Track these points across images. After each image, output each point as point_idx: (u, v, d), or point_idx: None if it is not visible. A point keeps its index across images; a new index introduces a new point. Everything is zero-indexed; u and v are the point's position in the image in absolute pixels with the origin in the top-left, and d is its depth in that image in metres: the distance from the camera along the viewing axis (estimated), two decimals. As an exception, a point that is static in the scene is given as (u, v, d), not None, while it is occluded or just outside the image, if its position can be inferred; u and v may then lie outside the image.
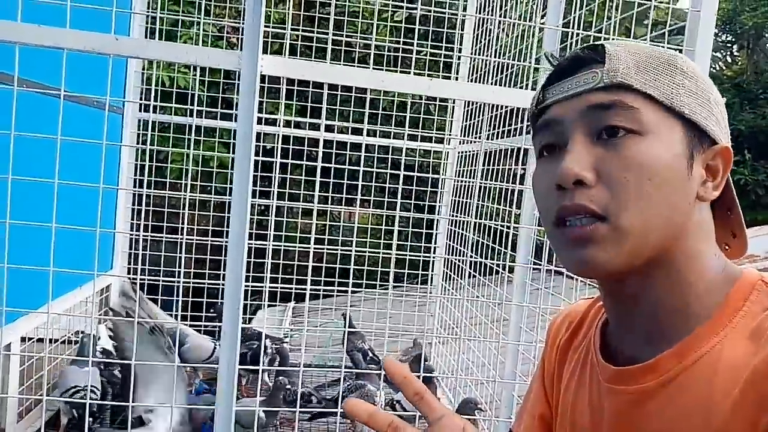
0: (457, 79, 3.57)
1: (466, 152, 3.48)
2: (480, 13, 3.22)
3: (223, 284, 3.21)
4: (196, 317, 3.42)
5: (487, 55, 3.02)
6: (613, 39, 1.89)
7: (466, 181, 3.18)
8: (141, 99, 3.29)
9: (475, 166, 3.16)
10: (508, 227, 2.54)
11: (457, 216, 3.32)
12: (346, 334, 2.48)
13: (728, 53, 14.33)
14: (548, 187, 0.65)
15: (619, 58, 0.64)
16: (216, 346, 2.66)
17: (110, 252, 3.22)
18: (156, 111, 3.34)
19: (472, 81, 3.31)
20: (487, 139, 2.65)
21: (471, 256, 2.96)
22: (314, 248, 2.39)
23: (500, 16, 2.89)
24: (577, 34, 2.00)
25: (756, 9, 12.23)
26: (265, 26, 1.42)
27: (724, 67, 13.94)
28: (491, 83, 2.83)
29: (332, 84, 1.81)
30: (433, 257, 3.66)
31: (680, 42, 1.65)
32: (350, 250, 3.33)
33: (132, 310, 1.77)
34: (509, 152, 2.73)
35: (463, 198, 3.24)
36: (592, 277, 0.67)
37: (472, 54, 3.29)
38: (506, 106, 2.64)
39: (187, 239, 2.60)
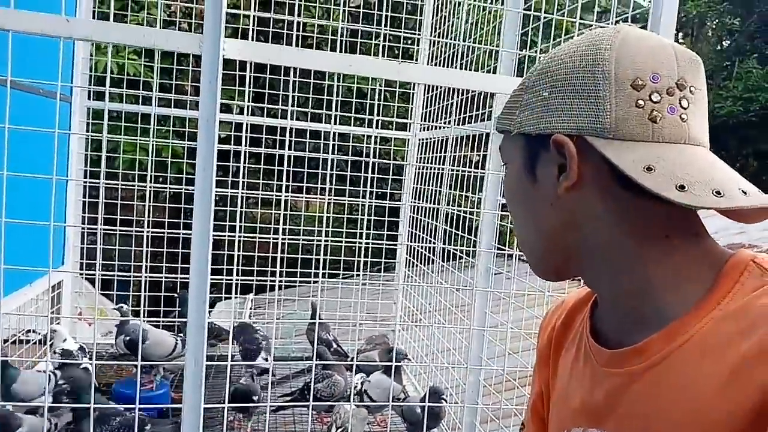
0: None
1: (426, 139, 3.47)
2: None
3: (182, 277, 3.12)
4: (154, 312, 3.32)
5: (447, 40, 3.00)
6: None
7: (426, 167, 3.16)
8: (89, 86, 3.15)
9: (435, 153, 3.15)
10: (470, 213, 2.55)
11: (418, 203, 3.32)
12: (317, 325, 2.44)
13: (674, 40, 14.78)
14: None
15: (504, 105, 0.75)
16: (177, 341, 2.58)
17: (61, 247, 3.09)
18: (105, 99, 3.21)
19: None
20: (448, 125, 2.64)
21: (433, 243, 2.96)
22: (275, 239, 2.34)
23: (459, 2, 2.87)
24: (537, 19, 2.00)
25: (699, -3, 12.66)
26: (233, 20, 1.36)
27: (669, 54, 14.36)
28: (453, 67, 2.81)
29: (287, 70, 1.75)
30: (397, 245, 3.64)
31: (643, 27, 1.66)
32: (311, 241, 3.29)
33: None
34: (469, 139, 2.73)
35: (423, 185, 3.23)
36: (542, 278, 0.79)
37: (431, 39, 3.27)
38: (466, 93, 2.64)
39: (143, 231, 2.51)
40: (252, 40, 3.17)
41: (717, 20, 13.17)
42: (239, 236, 2.76)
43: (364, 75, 1.58)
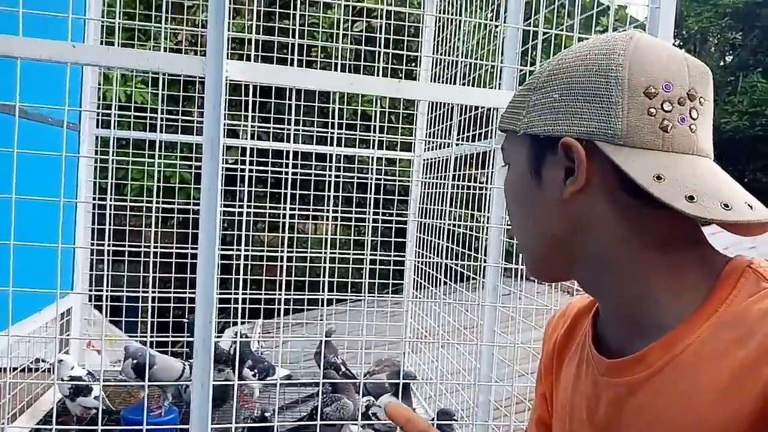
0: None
1: (430, 159, 3.48)
2: (439, 20, 3.24)
3: (190, 305, 3.12)
4: (163, 338, 3.32)
5: (448, 60, 3.03)
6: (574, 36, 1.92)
7: (432, 186, 3.17)
8: (98, 115, 3.19)
9: (441, 172, 3.16)
10: (477, 231, 2.55)
11: (423, 221, 3.31)
12: (323, 350, 2.43)
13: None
14: None
15: (509, 103, 0.74)
16: (185, 366, 2.58)
17: (70, 274, 3.10)
18: (114, 127, 3.25)
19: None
20: (450, 145, 2.65)
21: (439, 263, 2.95)
22: (281, 262, 2.34)
23: (460, 20, 2.91)
24: (536, 33, 2.02)
25: (701, 14, 12.72)
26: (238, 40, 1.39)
27: (673, 71, 14.41)
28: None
29: (292, 94, 1.78)
30: (405, 266, 3.63)
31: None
32: (319, 264, 3.30)
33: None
34: (473, 157, 2.73)
35: (429, 205, 3.23)
36: (540, 281, 0.79)
37: (432, 60, 3.30)
38: (470, 111, 2.65)
39: (149, 257, 2.52)
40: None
41: (719, 35, 13.23)
42: (244, 253, 2.76)
43: (365, 93, 1.59)
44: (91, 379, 2.52)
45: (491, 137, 2.47)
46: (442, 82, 3.19)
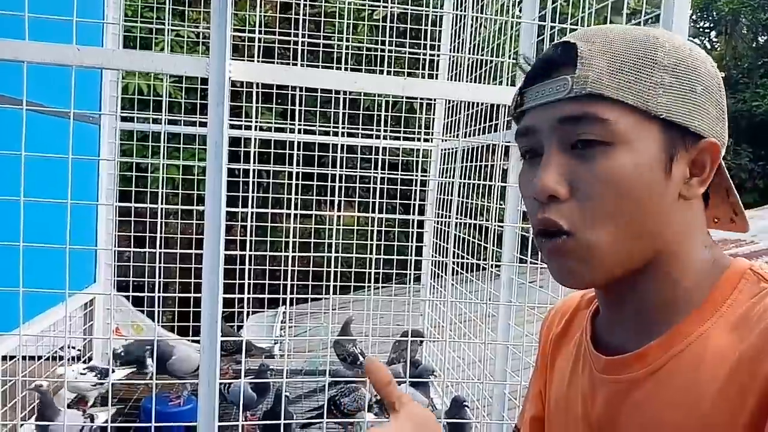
0: (437, 77, 3.55)
1: (448, 150, 3.46)
2: (457, 10, 3.21)
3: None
4: (185, 327, 3.39)
5: (465, 52, 3.00)
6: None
7: (448, 179, 3.16)
8: (117, 108, 3.24)
9: (457, 163, 3.14)
10: (494, 223, 2.53)
11: (442, 214, 3.31)
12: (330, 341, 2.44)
13: (707, 39, 14.45)
14: (528, 195, 0.67)
15: (590, 63, 0.61)
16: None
17: (93, 265, 3.17)
18: (134, 120, 3.30)
19: (451, 78, 3.29)
20: (468, 135, 2.63)
21: (457, 254, 2.94)
22: (298, 254, 2.35)
23: (477, 12, 2.87)
24: (552, 28, 1.98)
25: (731, -6, 12.36)
26: (243, 30, 1.39)
27: (703, 53, 14.04)
28: (470, 80, 2.81)
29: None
30: (422, 257, 3.63)
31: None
32: (338, 253, 3.31)
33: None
34: (491, 148, 2.71)
35: (447, 196, 3.22)
36: (573, 287, 0.67)
37: (450, 52, 3.27)
38: (485, 103, 2.63)
39: (168, 251, 2.56)
40: (276, 59, 3.22)
41: (751, 16, 12.81)
42: (268, 253, 2.79)
43: (370, 91, 1.59)
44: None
45: (508, 129, 2.44)
46: (459, 73, 3.16)
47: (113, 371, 2.65)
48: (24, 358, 2.55)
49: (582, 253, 0.62)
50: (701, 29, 14.11)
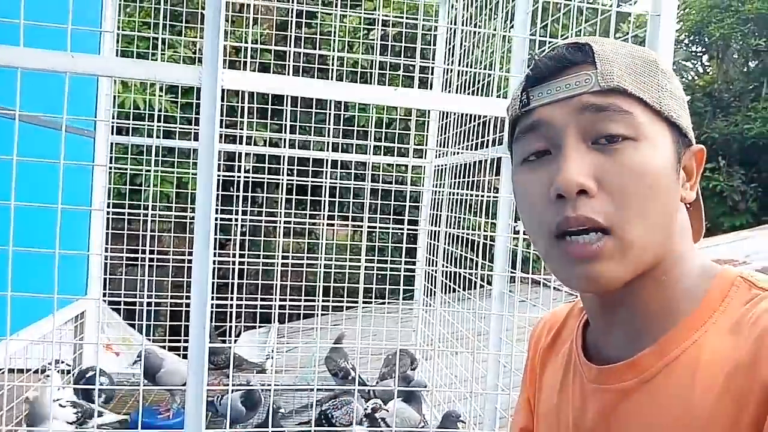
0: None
1: (441, 166, 3.48)
2: (451, 28, 3.25)
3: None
4: (176, 342, 3.37)
5: (459, 67, 3.04)
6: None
7: (441, 193, 3.17)
8: (110, 117, 3.25)
9: (450, 179, 3.16)
10: (485, 238, 2.54)
11: (435, 228, 3.31)
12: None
13: (699, 63, 14.63)
14: (542, 196, 0.63)
15: (610, 60, 0.62)
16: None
17: (84, 277, 3.15)
18: (129, 132, 3.31)
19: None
20: (459, 152, 2.65)
21: (446, 268, 2.94)
22: (290, 267, 2.35)
23: (470, 30, 2.91)
24: (542, 43, 2.01)
25: (722, 20, 12.53)
26: (239, 48, 1.41)
27: (695, 77, 14.23)
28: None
29: (309, 102, 1.80)
30: (415, 272, 3.64)
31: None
32: (330, 268, 3.31)
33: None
34: (483, 163, 2.73)
35: (440, 211, 3.23)
36: (595, 292, 0.65)
37: (444, 67, 3.31)
38: (479, 118, 2.65)
39: (161, 263, 2.56)
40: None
41: (742, 41, 12.99)
42: (261, 267, 2.79)
43: (362, 102, 1.61)
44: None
45: (500, 144, 2.46)
46: (454, 90, 3.19)
47: (100, 414, 2.47)
48: (12, 371, 2.52)
49: (620, 251, 0.60)
50: (693, 53, 14.30)
